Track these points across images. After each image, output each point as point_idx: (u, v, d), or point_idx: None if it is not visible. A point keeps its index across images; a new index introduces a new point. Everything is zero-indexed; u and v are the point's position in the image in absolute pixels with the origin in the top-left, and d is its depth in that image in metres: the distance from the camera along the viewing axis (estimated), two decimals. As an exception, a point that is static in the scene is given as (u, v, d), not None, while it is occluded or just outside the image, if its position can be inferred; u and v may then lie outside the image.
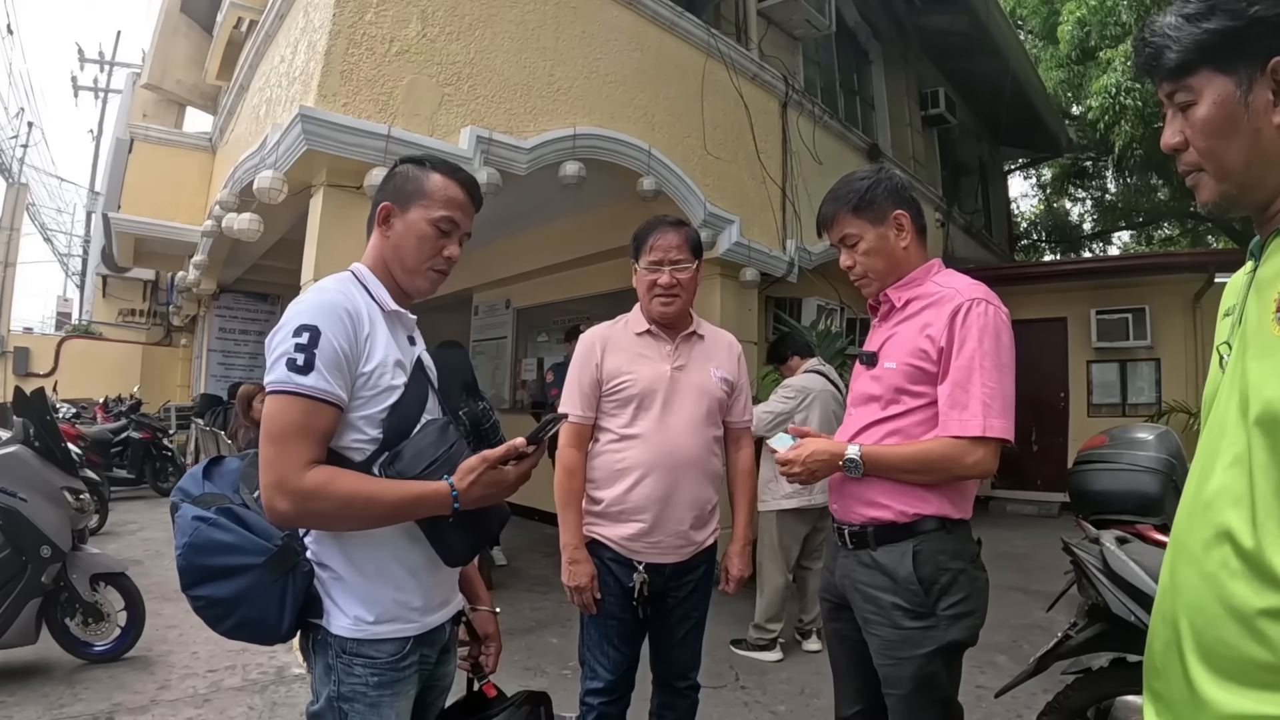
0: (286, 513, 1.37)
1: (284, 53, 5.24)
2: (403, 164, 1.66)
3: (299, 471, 1.35)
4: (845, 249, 2.05)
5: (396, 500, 1.41)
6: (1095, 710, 2.50)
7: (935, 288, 1.96)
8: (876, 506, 1.92)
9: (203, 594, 1.43)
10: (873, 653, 1.94)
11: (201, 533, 1.43)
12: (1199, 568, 1.02)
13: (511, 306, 9.76)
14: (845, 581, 2.00)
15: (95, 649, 3.93)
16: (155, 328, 14.56)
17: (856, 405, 2.06)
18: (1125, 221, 19.52)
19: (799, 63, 8.10)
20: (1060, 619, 3.07)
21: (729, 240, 6.33)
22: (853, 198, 1.99)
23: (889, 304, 2.03)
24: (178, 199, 9.34)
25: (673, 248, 2.36)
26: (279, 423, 1.37)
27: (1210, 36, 1.00)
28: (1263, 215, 1.06)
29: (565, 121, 5.21)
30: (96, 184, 19.64)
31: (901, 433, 1.91)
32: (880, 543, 1.91)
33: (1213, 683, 0.98)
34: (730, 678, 4.09)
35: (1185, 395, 9.17)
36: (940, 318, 1.88)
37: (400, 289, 1.61)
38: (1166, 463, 3.25)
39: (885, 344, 2.00)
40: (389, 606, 1.48)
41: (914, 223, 2.01)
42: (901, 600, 1.86)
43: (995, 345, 1.84)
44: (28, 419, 3.88)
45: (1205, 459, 1.07)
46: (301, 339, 1.38)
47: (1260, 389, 0.95)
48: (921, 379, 1.89)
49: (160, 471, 9.62)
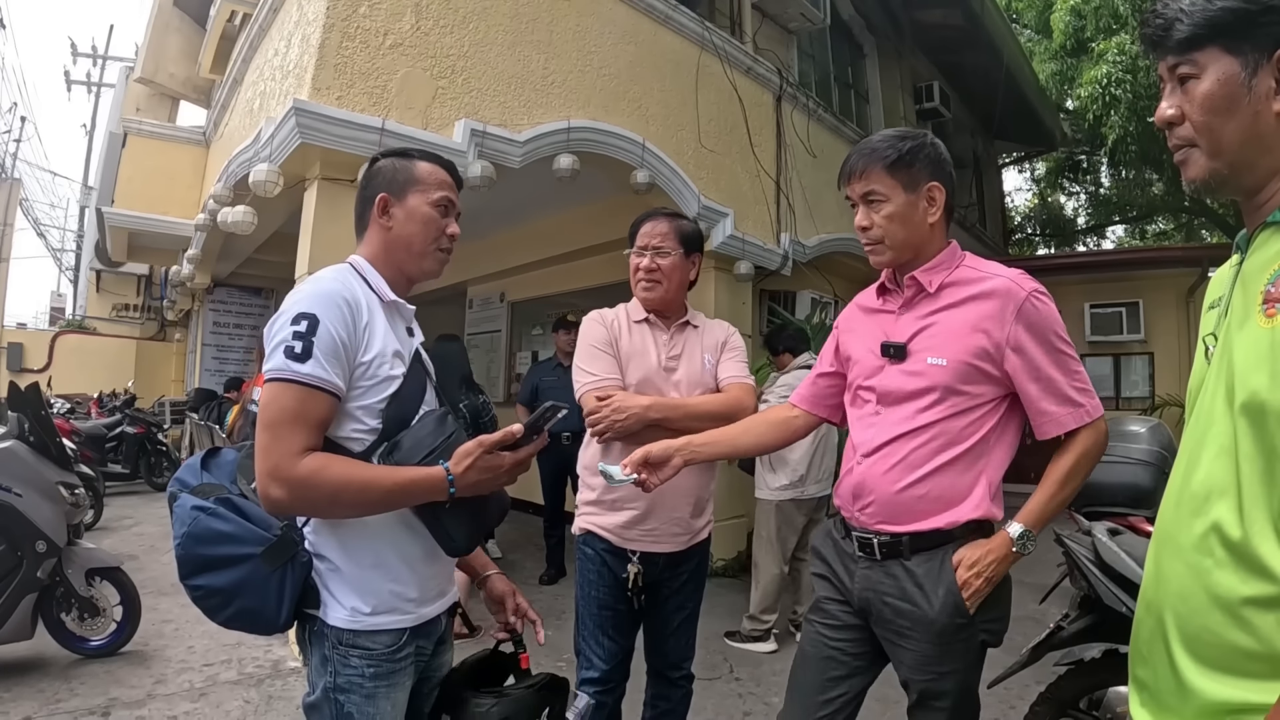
0: (281, 500, 1.37)
1: (278, 46, 5.22)
2: (383, 158, 1.68)
3: (293, 458, 1.35)
4: (865, 205, 1.83)
5: (391, 485, 1.41)
6: (1087, 701, 2.52)
7: (974, 274, 1.80)
8: (917, 517, 1.77)
9: (201, 583, 1.43)
10: (905, 667, 1.81)
11: (200, 522, 1.43)
12: (1184, 557, 1.03)
13: (506, 300, 9.74)
14: (869, 595, 1.82)
15: (91, 644, 3.93)
16: (149, 322, 14.49)
17: (886, 405, 1.84)
18: (1119, 216, 19.57)
19: (793, 56, 8.09)
20: (1053, 610, 3.09)
21: (723, 233, 6.34)
22: (891, 154, 1.78)
23: (916, 288, 1.84)
24: (171, 193, 9.31)
25: (657, 235, 2.38)
26: (274, 410, 1.37)
27: (1223, 14, 1.01)
28: (1250, 204, 1.07)
29: (559, 115, 5.20)
30: (90, 178, 19.53)
31: (947, 436, 1.75)
32: (915, 551, 1.77)
33: (1198, 671, 0.99)
34: (724, 669, 4.10)
35: (1178, 389, 9.19)
36: (1002, 313, 1.73)
37: (402, 279, 1.63)
38: (1159, 455, 3.27)
39: (919, 335, 1.81)
40: (385, 598, 1.48)
41: (946, 201, 1.83)
42: (942, 614, 1.71)
43: (1062, 330, 1.77)
44: (22, 414, 3.87)
45: (1191, 449, 1.07)
46: (300, 327, 1.39)
47: (1246, 379, 0.96)
48: (978, 378, 1.74)
49: (155, 466, 9.61)
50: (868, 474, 1.83)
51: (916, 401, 1.78)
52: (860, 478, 1.84)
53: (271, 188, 4.34)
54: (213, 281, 10.51)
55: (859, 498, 1.84)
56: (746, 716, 3.55)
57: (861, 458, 1.86)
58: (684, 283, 2.45)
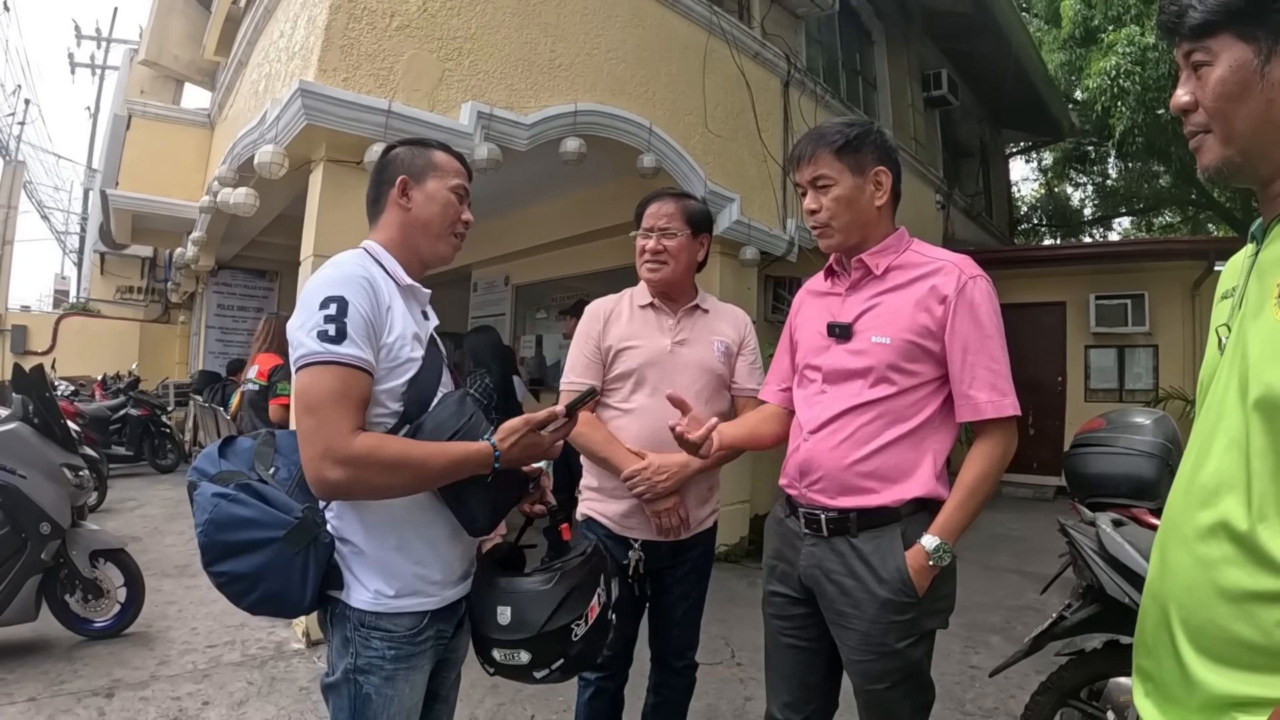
0: (339, 481, 1.37)
1: (283, 27, 5.20)
2: (399, 146, 1.71)
3: (347, 437, 1.36)
4: (813, 190, 1.89)
5: (446, 461, 1.44)
6: (1088, 691, 2.52)
7: (919, 258, 1.87)
8: (865, 493, 1.79)
9: (225, 569, 1.43)
10: (847, 648, 1.83)
11: (222, 509, 1.42)
12: (1191, 550, 1.03)
13: (510, 283, 9.73)
14: (815, 573, 1.86)
15: (95, 625, 3.95)
16: (153, 305, 14.46)
17: (832, 383, 1.88)
18: (1125, 207, 19.50)
19: (801, 42, 8.04)
20: (1054, 601, 3.09)
21: (729, 218, 6.31)
22: (838, 139, 1.84)
23: (863, 270, 1.89)
24: (175, 175, 9.28)
25: (663, 215, 2.35)
26: (316, 393, 1.37)
27: (1237, 1, 1.00)
28: (1265, 193, 1.06)
29: (566, 98, 5.17)
30: (94, 161, 19.51)
31: (893, 413, 1.79)
32: (862, 528, 1.80)
33: (1203, 664, 0.99)
34: (726, 654, 4.11)
35: (1182, 382, 9.18)
36: (942, 292, 1.78)
37: (416, 262, 1.66)
38: (1163, 447, 3.25)
39: (864, 315, 1.86)
40: (409, 580, 1.50)
41: (892, 185, 1.89)
42: (887, 592, 1.74)
43: (1000, 323, 1.80)
44: (26, 396, 3.87)
45: (1202, 441, 1.07)
46: (330, 310, 1.40)
47: (1261, 373, 0.95)
48: (920, 356, 1.79)
49: (158, 449, 9.65)
50: (815, 450, 1.87)
51: (862, 380, 1.82)
52: (807, 454, 1.88)
53: (277, 169, 4.33)
54: (217, 264, 10.52)
55: (806, 474, 1.88)
56: (748, 701, 3.56)
57: (808, 434, 1.90)
58: (692, 264, 2.41)
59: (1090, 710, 2.48)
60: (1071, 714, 2.54)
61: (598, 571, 1.65)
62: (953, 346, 1.77)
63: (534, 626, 1.52)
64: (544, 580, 1.57)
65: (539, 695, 3.44)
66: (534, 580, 1.58)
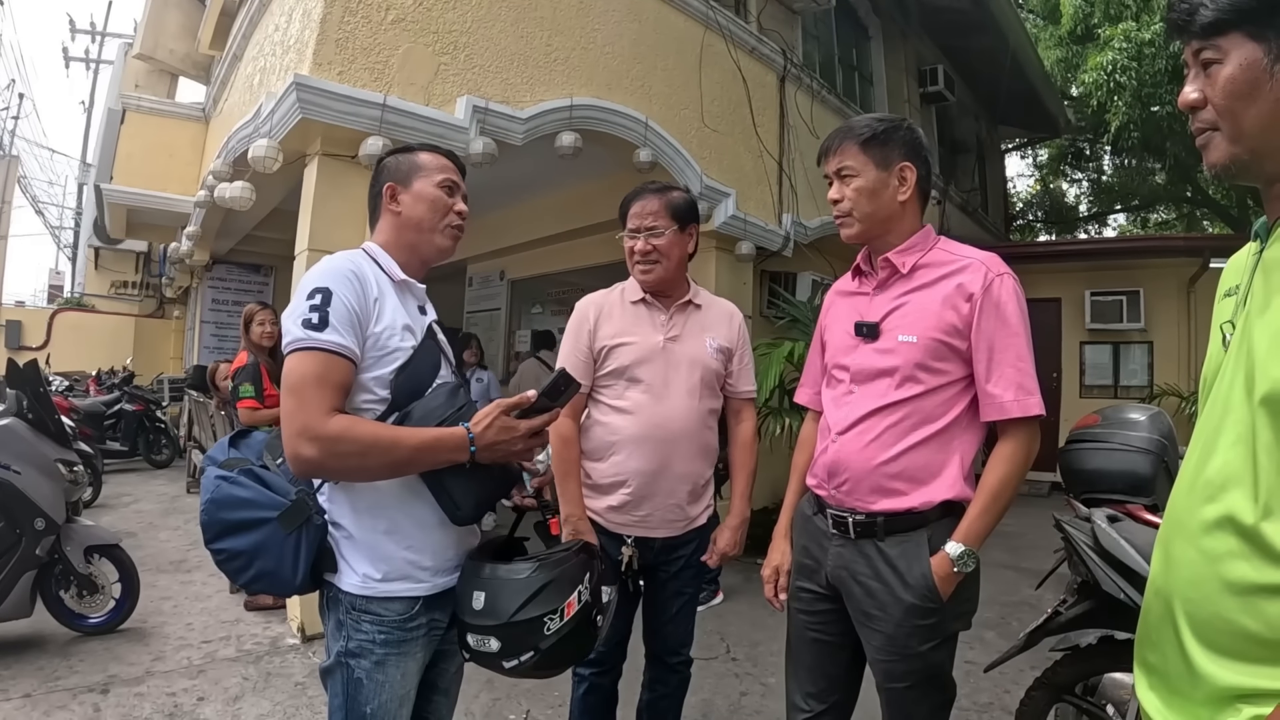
0: (313, 458, 1.42)
1: (278, 21, 5.17)
2: (389, 156, 1.78)
3: (322, 417, 1.42)
4: (838, 181, 1.92)
5: (418, 443, 1.47)
6: (1083, 686, 2.52)
7: (947, 256, 1.85)
8: (893, 494, 1.79)
9: (224, 547, 1.52)
10: (872, 648, 1.84)
11: (222, 489, 1.52)
12: (1196, 544, 1.03)
13: (506, 278, 9.72)
14: (842, 574, 1.87)
15: (90, 621, 3.94)
16: (148, 300, 14.43)
17: (860, 382, 1.87)
18: (1121, 204, 19.52)
19: (798, 37, 8.03)
20: (1049, 596, 3.09)
21: (725, 213, 6.31)
22: (865, 133, 1.86)
23: (890, 269, 1.88)
24: (170, 170, 9.27)
25: (648, 214, 2.32)
26: (297, 376, 1.44)
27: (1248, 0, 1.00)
28: (1270, 192, 1.06)
29: (562, 92, 5.16)
30: (88, 155, 19.46)
31: (921, 414, 1.78)
32: (889, 533, 1.80)
33: (1208, 657, 1.00)
34: (721, 649, 4.11)
35: (1177, 379, 9.21)
36: (968, 290, 1.77)
37: (415, 260, 1.72)
38: (1158, 444, 3.26)
39: (891, 314, 1.85)
40: (399, 565, 1.54)
41: (919, 182, 1.88)
42: (912, 597, 1.74)
43: (1026, 321, 1.79)
44: (21, 391, 3.86)
45: (1206, 437, 1.07)
46: (314, 300, 1.47)
47: (1267, 369, 0.96)
48: (947, 355, 1.78)
49: (153, 444, 9.63)
50: (843, 451, 1.87)
51: (889, 379, 1.82)
52: (835, 455, 1.88)
53: (271, 163, 4.31)
54: (212, 258, 10.48)
55: (835, 475, 1.88)
56: (743, 696, 3.56)
57: (836, 435, 1.90)
58: (683, 259, 2.38)
59: (1085, 705, 2.48)
60: (1066, 709, 2.54)
61: (583, 569, 1.65)
62: (978, 344, 1.77)
63: (503, 614, 1.52)
64: (521, 570, 1.58)
65: (534, 691, 3.45)
66: (511, 568, 1.59)
